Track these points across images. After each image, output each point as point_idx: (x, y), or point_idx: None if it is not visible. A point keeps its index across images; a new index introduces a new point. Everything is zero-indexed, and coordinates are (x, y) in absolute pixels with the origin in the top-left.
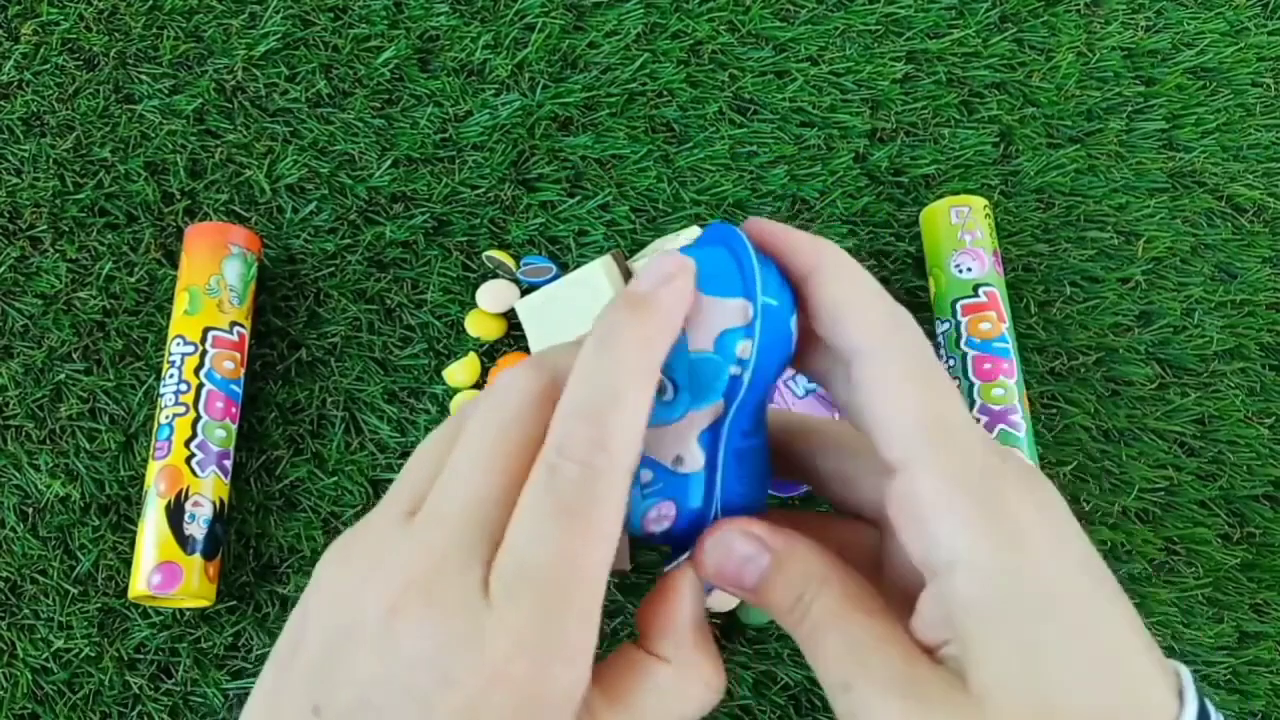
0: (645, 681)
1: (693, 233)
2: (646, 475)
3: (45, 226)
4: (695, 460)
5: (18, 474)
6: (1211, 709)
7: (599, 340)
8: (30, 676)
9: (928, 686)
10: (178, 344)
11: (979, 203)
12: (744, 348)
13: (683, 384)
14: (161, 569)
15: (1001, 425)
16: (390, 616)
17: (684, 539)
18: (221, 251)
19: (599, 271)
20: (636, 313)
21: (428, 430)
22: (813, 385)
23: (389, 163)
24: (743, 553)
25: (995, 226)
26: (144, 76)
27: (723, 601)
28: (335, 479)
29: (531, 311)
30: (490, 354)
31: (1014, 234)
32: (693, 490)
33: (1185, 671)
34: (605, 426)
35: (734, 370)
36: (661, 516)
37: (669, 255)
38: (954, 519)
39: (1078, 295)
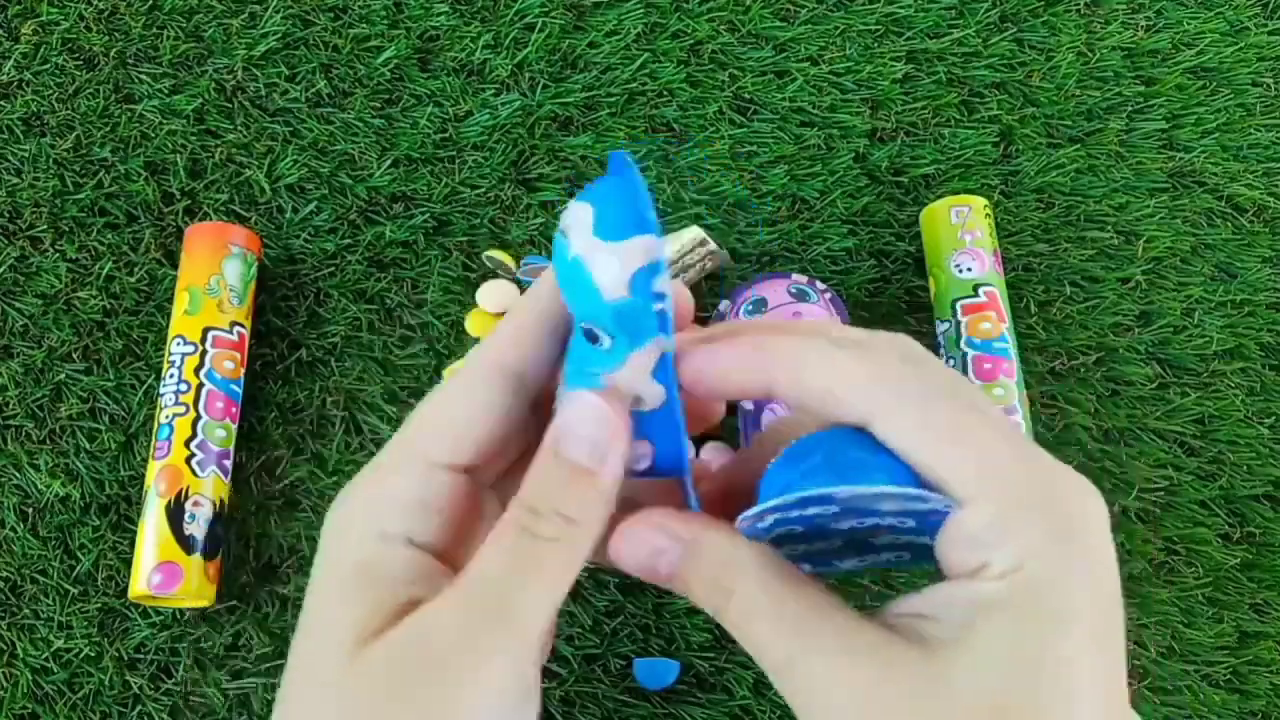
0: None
1: (694, 233)
2: None
3: (45, 226)
4: (656, 396)
5: (18, 474)
6: None
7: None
8: (30, 676)
9: (883, 647)
10: (178, 344)
11: (979, 203)
12: (660, 282)
13: (614, 332)
14: (162, 569)
15: None
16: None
17: (669, 467)
18: (221, 251)
19: None
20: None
21: None
22: None
23: (389, 163)
24: (654, 545)
25: (995, 226)
26: (144, 76)
27: None
28: (335, 479)
29: None
30: None
31: (1014, 234)
32: (661, 423)
33: None
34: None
35: (658, 306)
36: (640, 456)
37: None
38: (1025, 534)
39: (1078, 295)
